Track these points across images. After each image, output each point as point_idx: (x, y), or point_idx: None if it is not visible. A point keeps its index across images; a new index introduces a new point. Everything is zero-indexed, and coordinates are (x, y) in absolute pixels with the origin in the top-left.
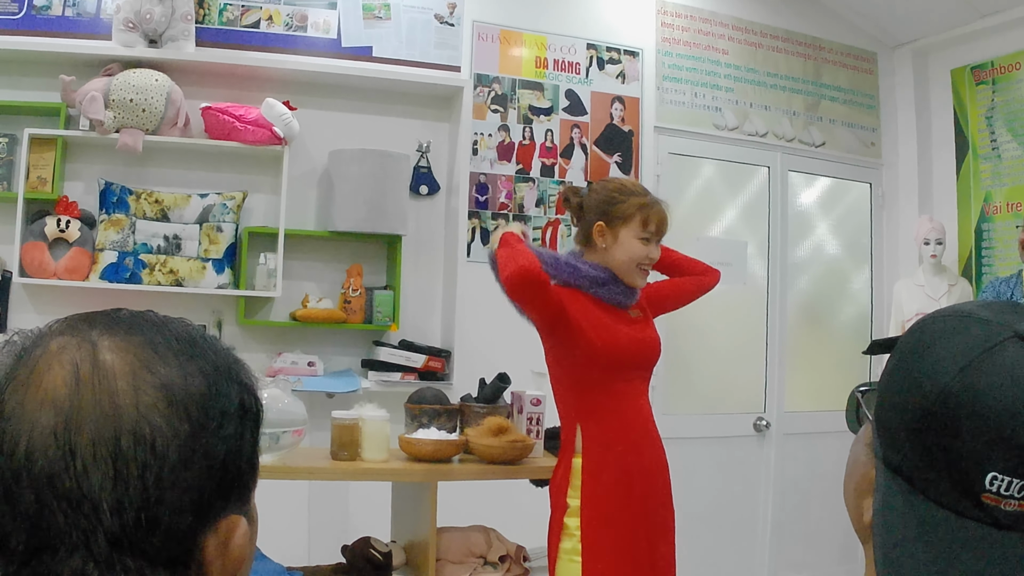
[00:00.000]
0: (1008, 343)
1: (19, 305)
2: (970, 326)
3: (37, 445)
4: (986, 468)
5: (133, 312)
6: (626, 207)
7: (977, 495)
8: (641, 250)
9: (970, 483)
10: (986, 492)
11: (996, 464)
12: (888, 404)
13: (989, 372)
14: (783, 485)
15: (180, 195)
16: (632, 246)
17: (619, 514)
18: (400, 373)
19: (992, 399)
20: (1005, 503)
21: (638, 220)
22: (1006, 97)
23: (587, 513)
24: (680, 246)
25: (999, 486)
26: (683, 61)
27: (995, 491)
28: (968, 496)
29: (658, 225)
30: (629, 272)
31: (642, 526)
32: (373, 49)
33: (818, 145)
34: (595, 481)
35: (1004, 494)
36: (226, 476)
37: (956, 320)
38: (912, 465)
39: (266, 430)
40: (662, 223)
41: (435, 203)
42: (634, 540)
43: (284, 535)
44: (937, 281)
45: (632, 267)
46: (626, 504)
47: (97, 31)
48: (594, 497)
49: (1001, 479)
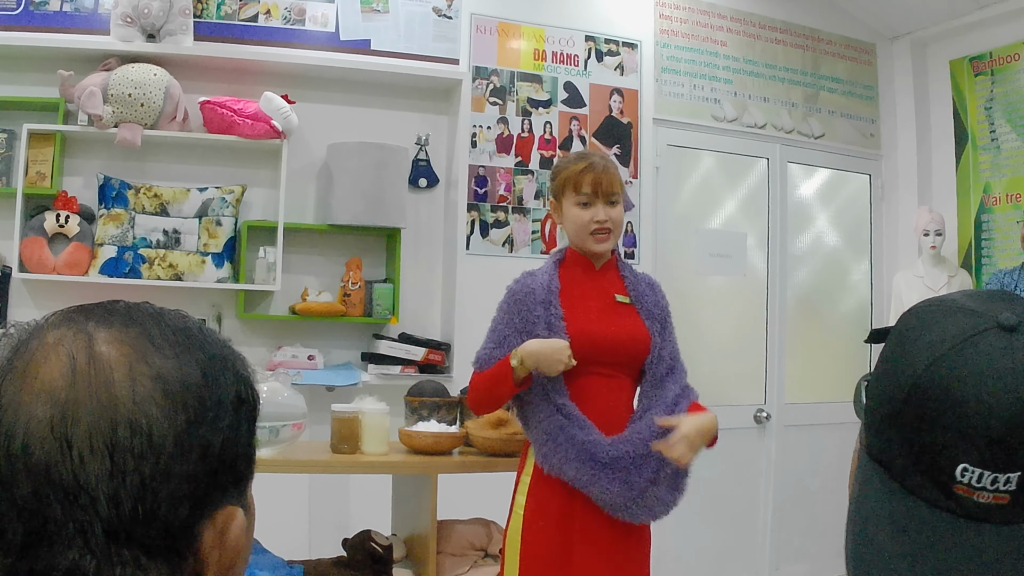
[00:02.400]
0: (987, 333)
1: (19, 300)
2: (952, 316)
3: (33, 437)
4: (957, 459)
5: (129, 304)
6: (561, 178)
7: (949, 486)
8: (584, 214)
9: (942, 474)
10: (958, 483)
11: (967, 456)
12: (872, 392)
13: (963, 363)
14: (783, 476)
15: (179, 189)
16: (574, 213)
17: (560, 500)
18: (400, 366)
19: (964, 390)
20: (977, 495)
21: (571, 186)
22: (1005, 88)
23: (532, 494)
24: (680, 238)
25: (970, 478)
26: (681, 53)
27: (967, 483)
28: (941, 487)
29: (593, 186)
30: (582, 240)
31: (590, 512)
32: (371, 42)
33: (817, 136)
34: (542, 471)
35: (976, 486)
36: (223, 467)
37: (940, 309)
38: (891, 454)
39: (266, 424)
40: (596, 182)
41: (434, 196)
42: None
43: (284, 528)
44: (937, 272)
45: (583, 235)
46: (570, 491)
47: (95, 26)
48: (540, 478)
49: (972, 471)
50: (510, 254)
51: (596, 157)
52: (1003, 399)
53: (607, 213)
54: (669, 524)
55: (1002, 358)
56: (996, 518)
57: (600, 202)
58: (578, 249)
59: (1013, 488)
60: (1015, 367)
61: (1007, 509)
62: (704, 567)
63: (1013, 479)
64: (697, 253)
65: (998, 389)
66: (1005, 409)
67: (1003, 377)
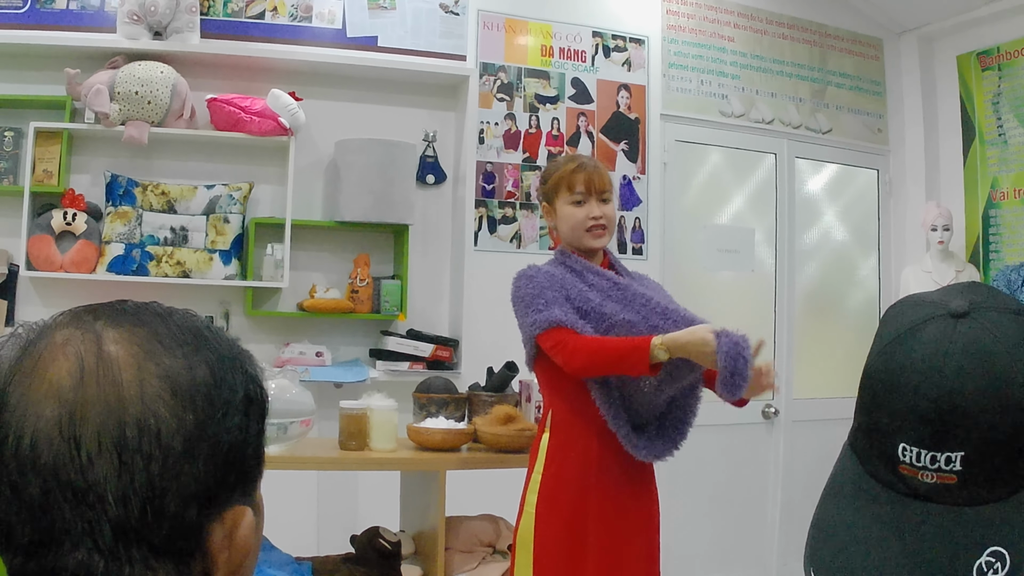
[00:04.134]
0: (934, 321)
1: (26, 298)
2: (912, 308)
3: (42, 437)
4: (897, 439)
5: (137, 303)
6: (553, 180)
7: (895, 465)
8: (578, 212)
9: (889, 455)
10: (901, 463)
11: (904, 436)
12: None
13: (906, 349)
14: (792, 472)
15: (186, 187)
16: (568, 212)
17: (574, 499)
18: (408, 363)
19: (904, 374)
20: (921, 474)
21: (564, 186)
22: (1012, 83)
23: (544, 491)
24: (688, 234)
25: (910, 457)
26: (689, 48)
27: (908, 462)
28: (888, 467)
29: (586, 184)
30: (579, 239)
31: (603, 509)
32: (378, 39)
33: (825, 132)
34: (556, 459)
35: (916, 464)
36: (231, 466)
37: (909, 303)
38: (856, 438)
39: (274, 420)
40: (589, 181)
41: (442, 192)
42: (584, 527)
43: (293, 526)
44: (944, 267)
45: (579, 232)
46: (583, 488)
47: (102, 24)
48: (552, 476)
49: (910, 450)
50: (518, 250)
51: (585, 158)
52: (933, 379)
53: (601, 210)
54: (677, 520)
55: (940, 343)
56: (945, 499)
57: (593, 199)
58: (574, 248)
59: (958, 468)
60: (950, 350)
61: (955, 491)
62: (712, 563)
63: (955, 459)
64: (705, 249)
65: (931, 370)
66: (933, 389)
67: (938, 359)
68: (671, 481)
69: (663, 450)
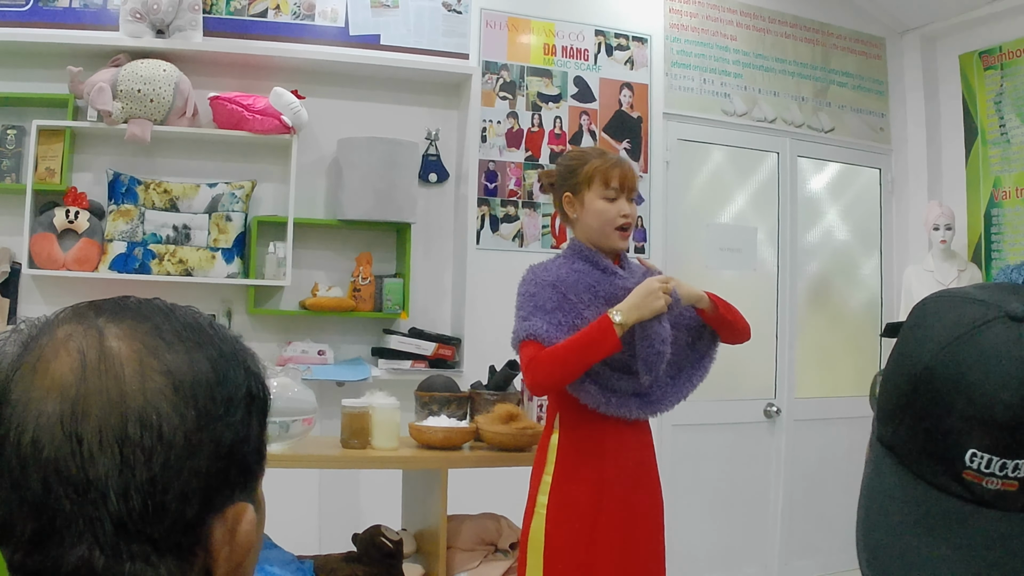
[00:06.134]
0: (995, 323)
1: (29, 296)
2: (962, 306)
3: (44, 432)
4: (966, 445)
5: (140, 300)
6: (585, 171)
7: (958, 472)
8: (610, 208)
9: (951, 460)
10: (967, 469)
11: (975, 441)
12: (883, 382)
13: (971, 351)
14: (793, 471)
15: (189, 185)
16: (599, 206)
17: (587, 499)
18: (410, 361)
19: (973, 376)
20: (986, 480)
21: (599, 180)
22: (1015, 82)
23: (555, 491)
24: (690, 232)
25: (979, 463)
26: (691, 47)
27: (975, 468)
28: (950, 473)
29: (621, 181)
30: (605, 235)
31: (613, 508)
32: (381, 37)
33: (827, 131)
34: (568, 458)
35: (984, 471)
36: (233, 463)
37: (949, 300)
38: (900, 441)
39: (276, 419)
40: (624, 178)
41: (444, 191)
42: (595, 528)
43: (295, 524)
44: (947, 267)
45: (607, 229)
46: (596, 488)
47: (104, 22)
48: (563, 476)
49: (980, 456)
50: (520, 249)
51: (617, 155)
52: (1011, 385)
53: (630, 208)
54: (680, 518)
55: (1010, 346)
56: (1003, 505)
57: (624, 197)
58: (594, 245)
59: (1022, 475)
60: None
61: (1014, 496)
62: (714, 562)
63: (1022, 466)
64: (707, 247)
65: (1006, 376)
66: (1012, 395)
67: (1011, 364)
68: (673, 479)
69: (674, 398)
